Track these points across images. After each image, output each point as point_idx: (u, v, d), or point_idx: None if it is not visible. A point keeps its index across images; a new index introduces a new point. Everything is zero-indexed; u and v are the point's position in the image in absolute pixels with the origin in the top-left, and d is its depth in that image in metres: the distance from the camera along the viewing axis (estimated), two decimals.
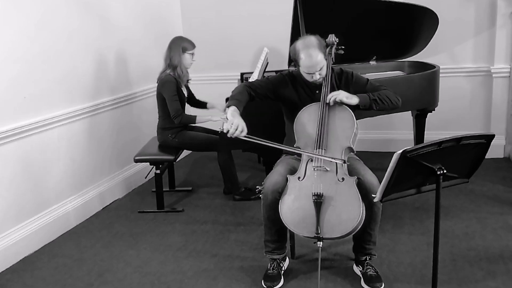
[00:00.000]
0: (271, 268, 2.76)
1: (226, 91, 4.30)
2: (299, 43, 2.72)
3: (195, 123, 3.91)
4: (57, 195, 3.57)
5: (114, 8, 4.20)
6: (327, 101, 2.66)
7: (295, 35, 3.68)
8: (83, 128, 3.83)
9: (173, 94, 3.82)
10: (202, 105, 4.23)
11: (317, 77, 2.70)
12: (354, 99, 2.67)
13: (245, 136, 2.54)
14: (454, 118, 4.76)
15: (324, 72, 2.72)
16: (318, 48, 2.67)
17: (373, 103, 2.72)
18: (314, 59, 2.65)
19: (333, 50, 2.94)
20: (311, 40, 2.70)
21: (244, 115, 2.63)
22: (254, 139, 2.55)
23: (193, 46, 3.96)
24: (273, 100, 2.91)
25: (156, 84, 3.95)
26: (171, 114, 3.83)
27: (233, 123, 2.52)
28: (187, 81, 4.05)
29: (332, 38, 2.95)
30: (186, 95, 4.03)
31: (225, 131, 2.53)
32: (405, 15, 4.03)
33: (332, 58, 2.90)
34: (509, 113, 4.56)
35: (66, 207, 3.64)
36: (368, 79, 2.88)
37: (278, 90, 2.86)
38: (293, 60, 2.79)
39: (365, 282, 2.64)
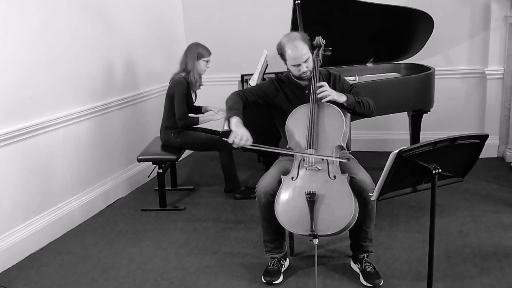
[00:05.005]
0: (271, 264, 2.81)
1: (226, 93, 4.35)
2: (284, 38, 2.81)
3: (198, 124, 3.97)
4: (62, 193, 3.61)
5: (115, 10, 4.23)
6: (319, 96, 2.69)
7: None
8: (88, 128, 3.87)
9: (182, 97, 3.87)
10: (198, 110, 4.26)
11: (304, 69, 2.76)
12: (343, 97, 2.74)
13: (250, 145, 2.61)
14: (449, 118, 4.80)
15: (310, 65, 2.78)
16: (302, 40, 2.76)
17: (356, 105, 2.78)
18: (300, 49, 2.73)
19: (321, 51, 2.97)
20: (295, 34, 2.82)
21: None
22: (258, 146, 2.63)
23: (209, 53, 3.98)
24: (264, 107, 2.96)
25: (164, 84, 3.99)
26: (176, 116, 3.88)
27: (237, 134, 2.59)
28: (199, 86, 4.05)
29: (319, 40, 2.99)
30: (194, 101, 4.07)
31: (230, 141, 2.59)
32: (401, 19, 4.07)
33: (320, 60, 2.93)
34: (502, 114, 4.60)
35: (71, 205, 3.68)
36: (352, 85, 2.96)
37: (269, 95, 2.91)
38: (280, 56, 2.85)
39: (365, 279, 2.68)
